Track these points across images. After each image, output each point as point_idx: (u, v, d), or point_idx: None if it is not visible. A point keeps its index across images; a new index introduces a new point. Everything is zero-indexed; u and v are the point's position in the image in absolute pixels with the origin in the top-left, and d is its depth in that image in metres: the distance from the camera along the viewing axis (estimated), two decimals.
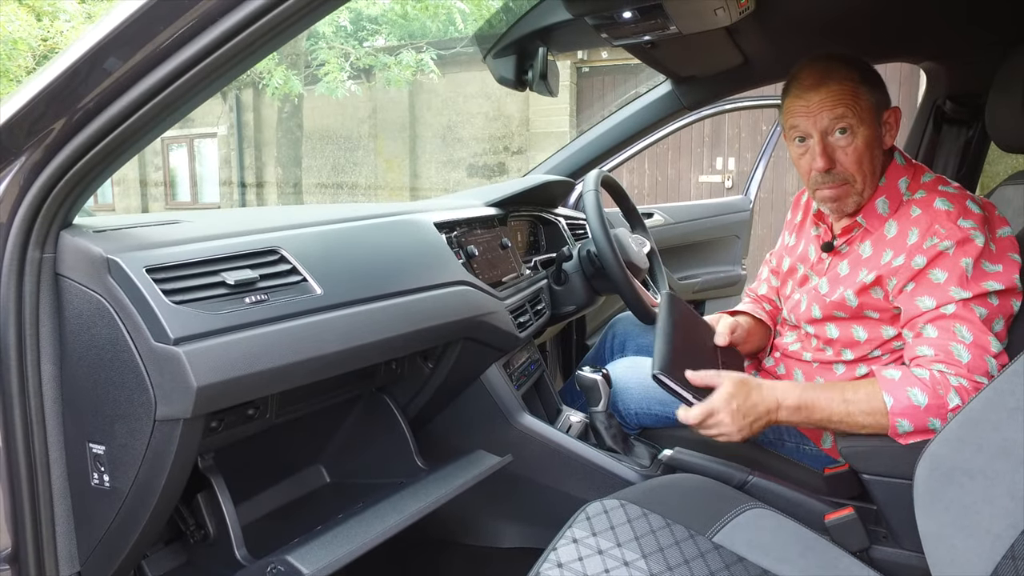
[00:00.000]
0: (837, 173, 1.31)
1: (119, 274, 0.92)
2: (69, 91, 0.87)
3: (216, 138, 11.36)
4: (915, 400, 1.18)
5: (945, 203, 1.26)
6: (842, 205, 1.35)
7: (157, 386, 0.91)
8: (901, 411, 1.18)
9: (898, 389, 1.19)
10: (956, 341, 1.19)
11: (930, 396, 1.17)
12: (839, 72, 1.30)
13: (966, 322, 1.20)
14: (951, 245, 1.22)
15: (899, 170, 1.35)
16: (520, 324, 1.62)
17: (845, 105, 1.28)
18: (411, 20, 10.83)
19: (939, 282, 1.23)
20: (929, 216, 1.26)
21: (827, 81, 1.30)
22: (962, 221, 1.23)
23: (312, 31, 9.58)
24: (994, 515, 0.87)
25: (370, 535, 1.11)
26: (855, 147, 1.29)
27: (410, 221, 1.46)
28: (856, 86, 1.29)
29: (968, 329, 1.19)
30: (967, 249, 1.22)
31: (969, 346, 1.18)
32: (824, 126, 1.30)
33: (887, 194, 1.34)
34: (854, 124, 1.29)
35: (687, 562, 1.06)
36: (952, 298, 1.21)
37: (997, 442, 0.89)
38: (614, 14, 1.42)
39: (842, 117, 1.28)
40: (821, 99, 1.29)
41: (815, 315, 1.41)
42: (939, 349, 1.20)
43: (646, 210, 2.78)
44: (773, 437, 1.48)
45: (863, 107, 1.29)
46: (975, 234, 1.22)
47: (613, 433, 1.56)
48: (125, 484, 0.96)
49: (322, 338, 1.07)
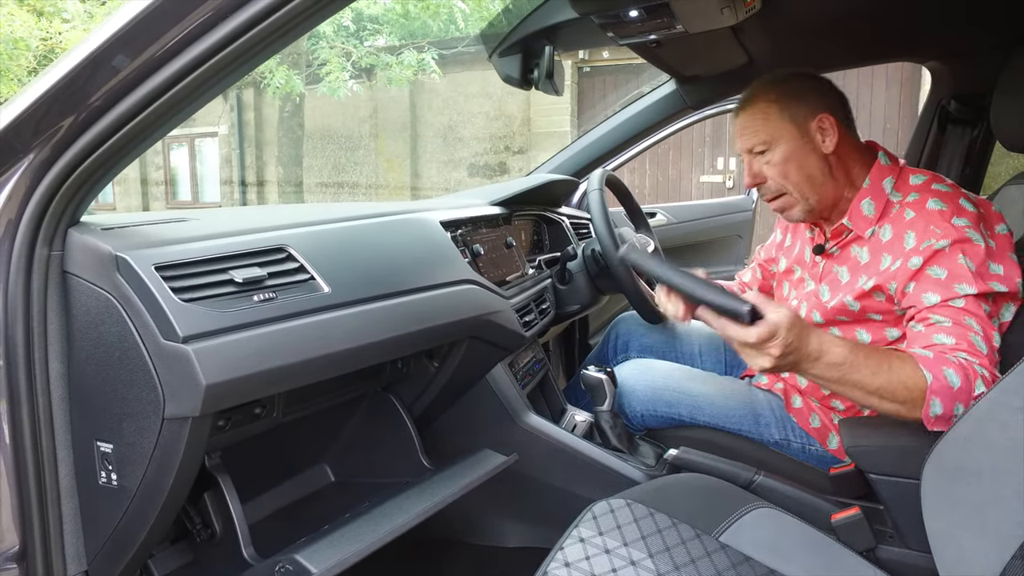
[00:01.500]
0: (768, 187, 1.41)
1: (128, 272, 0.91)
2: (77, 89, 0.87)
3: (217, 137, 11.35)
4: (950, 380, 1.13)
5: (938, 203, 1.27)
6: (790, 214, 1.43)
7: (166, 384, 0.91)
8: (939, 389, 1.13)
9: (935, 367, 1.14)
10: (972, 332, 1.18)
11: (962, 379, 1.13)
12: (757, 96, 1.40)
13: (975, 316, 1.19)
14: (947, 244, 1.22)
15: (883, 170, 1.37)
16: (525, 323, 1.62)
17: (755, 128, 1.39)
18: (412, 19, 10.83)
19: (940, 278, 1.22)
20: (924, 218, 1.27)
21: (746, 106, 1.41)
22: (956, 220, 1.24)
23: (313, 31, 9.57)
24: (1002, 515, 0.87)
25: (377, 535, 1.11)
26: (773, 163, 1.38)
27: (416, 220, 1.46)
28: (767, 106, 1.38)
29: (977, 323, 1.19)
30: (965, 247, 1.22)
31: (983, 339, 1.18)
32: (746, 146, 1.41)
33: (872, 195, 1.35)
34: (770, 141, 1.38)
35: (694, 561, 1.06)
36: (957, 293, 1.20)
37: (1005, 441, 0.89)
38: (620, 13, 1.42)
39: (755, 137, 1.39)
40: (742, 122, 1.42)
41: (816, 320, 1.42)
42: (959, 338, 1.18)
43: (649, 210, 2.78)
44: (779, 438, 1.48)
45: (774, 126, 1.37)
46: (971, 232, 1.22)
47: (618, 432, 1.56)
48: (133, 483, 0.96)
49: (329, 336, 1.07)
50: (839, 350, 1.14)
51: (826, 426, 1.45)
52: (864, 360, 1.15)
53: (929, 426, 1.14)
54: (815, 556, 1.10)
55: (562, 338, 2.44)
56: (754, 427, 1.51)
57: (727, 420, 1.52)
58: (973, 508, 0.91)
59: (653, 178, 8.31)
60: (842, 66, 2.49)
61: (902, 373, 1.14)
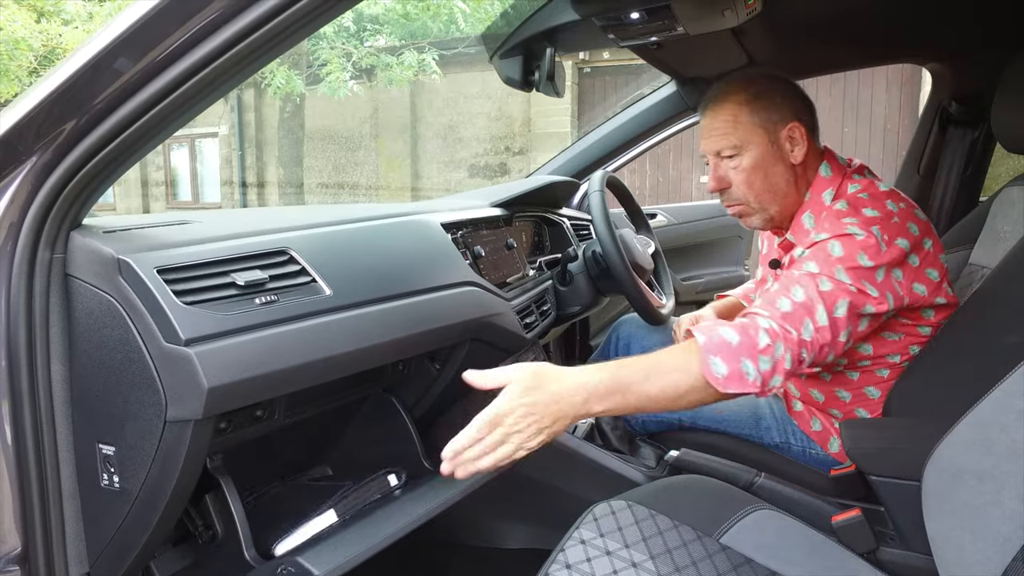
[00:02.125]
0: (730, 194, 1.38)
1: (130, 275, 0.92)
2: (79, 92, 0.87)
3: (217, 138, 11.35)
4: (727, 336, 1.08)
5: (843, 204, 1.27)
6: (748, 222, 1.41)
7: (168, 387, 0.91)
8: (713, 348, 1.06)
9: (710, 330, 1.11)
10: (786, 296, 1.15)
11: (741, 335, 1.08)
12: (728, 95, 1.36)
13: (804, 286, 1.16)
14: (826, 236, 1.22)
15: (823, 183, 1.36)
16: (526, 325, 1.62)
17: (724, 131, 1.35)
18: (412, 20, 10.81)
19: (804, 257, 1.23)
20: (826, 219, 1.27)
21: (714, 105, 1.37)
22: (846, 219, 1.23)
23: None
24: (1004, 517, 0.87)
25: (379, 537, 1.11)
26: (741, 168, 1.35)
27: (417, 221, 1.46)
28: (738, 109, 1.34)
29: (804, 292, 1.15)
30: (839, 238, 1.20)
31: (795, 303, 1.14)
32: (713, 148, 1.37)
33: (812, 208, 1.35)
34: (740, 145, 1.34)
35: (695, 563, 1.06)
36: (802, 268, 1.20)
37: (1006, 444, 0.89)
38: (621, 15, 1.42)
39: (725, 139, 1.35)
40: (709, 123, 1.37)
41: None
42: (766, 300, 1.17)
43: (649, 211, 2.79)
44: (780, 441, 1.49)
45: (745, 130, 1.34)
46: (852, 228, 1.21)
47: (619, 434, 1.56)
48: (135, 485, 0.96)
49: (332, 339, 1.07)
50: (601, 377, 1.03)
51: (827, 429, 1.45)
52: (632, 366, 1.06)
53: (720, 387, 1.05)
54: (816, 558, 1.10)
55: (563, 339, 2.44)
56: (755, 430, 1.51)
57: (728, 423, 1.52)
58: (974, 510, 0.91)
59: (653, 179, 8.31)
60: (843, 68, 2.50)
61: (671, 359, 1.09)
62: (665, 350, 1.13)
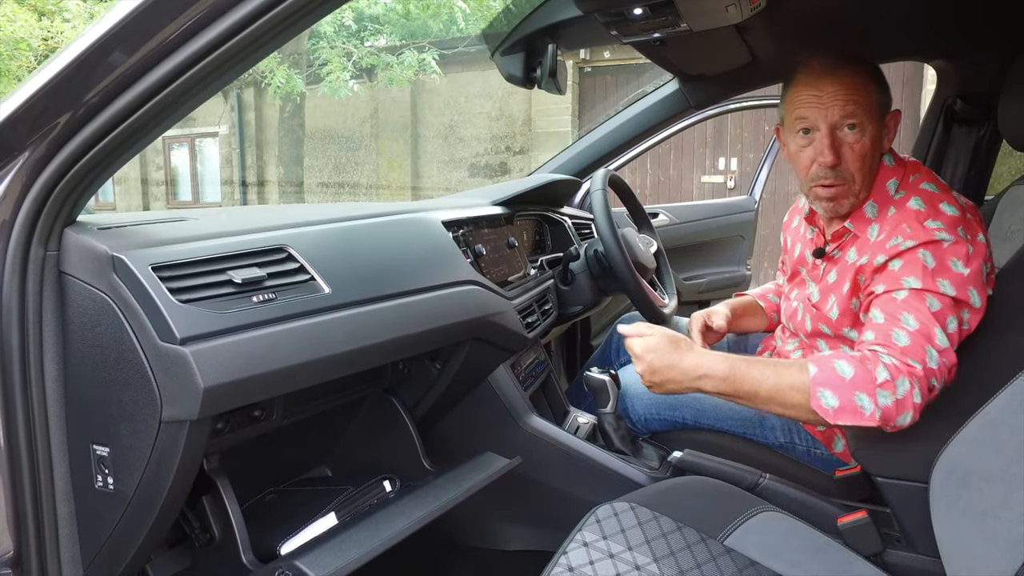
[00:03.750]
0: (841, 170, 1.27)
1: (124, 272, 0.90)
2: (73, 86, 0.86)
3: (217, 137, 11.34)
4: (840, 371, 1.13)
5: (918, 203, 1.24)
6: (837, 206, 1.31)
7: (163, 387, 0.89)
8: (824, 380, 1.13)
9: (825, 362, 1.16)
10: (899, 327, 1.15)
11: (857, 369, 1.12)
12: (851, 66, 1.27)
13: (914, 311, 1.15)
14: (913, 244, 1.19)
15: (887, 172, 1.32)
16: (528, 324, 1.61)
17: (857, 100, 1.25)
18: (413, 19, 10.82)
19: (894, 271, 1.20)
20: (900, 215, 1.24)
21: (840, 72, 1.26)
22: (929, 222, 1.20)
23: (314, 30, 9.57)
24: (1013, 520, 0.86)
25: (378, 540, 1.10)
26: (862, 144, 1.26)
27: (418, 220, 1.45)
28: (867, 81, 1.27)
29: (915, 317, 1.15)
30: (928, 247, 1.18)
31: (911, 333, 1.14)
32: (834, 119, 1.26)
33: (875, 197, 1.31)
34: (864, 121, 1.25)
35: (699, 566, 1.04)
36: (902, 286, 1.18)
37: (1016, 446, 0.88)
38: (624, 11, 1.40)
39: (853, 113, 1.25)
40: (834, 90, 1.25)
41: (807, 327, 1.41)
42: (879, 333, 1.16)
43: (651, 210, 2.78)
44: (784, 441, 1.47)
45: (872, 104, 1.27)
46: (940, 235, 1.19)
47: (622, 435, 1.55)
48: (130, 487, 0.95)
49: (330, 338, 1.06)
50: (721, 367, 1.21)
51: (831, 429, 1.44)
52: (747, 371, 1.20)
53: (830, 419, 1.13)
54: (821, 560, 1.09)
55: (564, 339, 2.43)
56: (759, 430, 1.49)
57: (732, 423, 1.51)
58: (982, 513, 0.89)
59: (654, 178, 8.30)
60: None
61: (788, 377, 1.17)
62: (785, 362, 1.22)
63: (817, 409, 1.13)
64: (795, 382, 1.16)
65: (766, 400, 1.19)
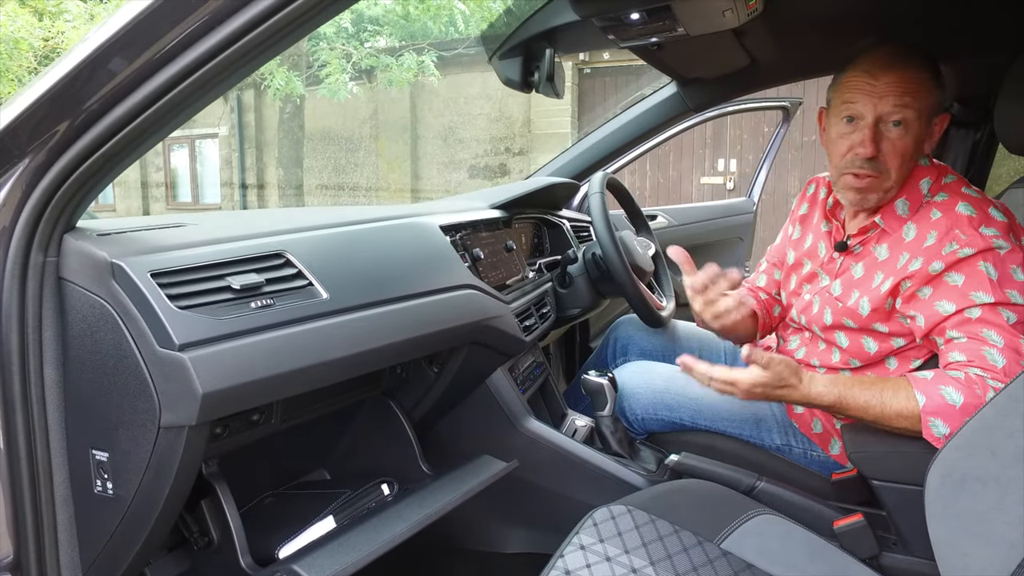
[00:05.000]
0: (878, 163, 1.25)
1: (123, 279, 0.90)
2: (73, 93, 0.86)
3: (217, 139, 11.35)
4: (949, 399, 1.12)
5: (968, 208, 1.22)
6: (865, 199, 1.30)
7: (162, 392, 0.90)
8: (934, 410, 1.13)
9: (931, 388, 1.15)
10: (988, 345, 1.15)
11: (966, 395, 1.11)
12: (915, 60, 1.25)
13: (994, 326, 1.16)
14: (972, 252, 1.19)
15: (922, 171, 1.31)
16: (526, 328, 1.61)
17: (911, 95, 1.22)
18: (412, 21, 10.82)
19: (957, 285, 1.19)
20: (950, 220, 1.23)
21: (901, 65, 1.23)
22: (984, 229, 1.20)
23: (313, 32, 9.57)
24: (1008, 523, 0.86)
25: (376, 543, 1.10)
26: (904, 143, 1.24)
27: (416, 224, 1.45)
28: (923, 77, 1.24)
29: (998, 333, 1.15)
30: (988, 256, 1.18)
31: (1002, 350, 1.14)
32: (883, 111, 1.24)
33: (908, 195, 1.30)
34: (911, 119, 1.24)
35: (695, 569, 1.04)
36: (973, 302, 1.17)
37: (1011, 449, 0.88)
38: (622, 16, 1.41)
39: (903, 109, 1.23)
40: (891, 81, 1.23)
41: (826, 321, 1.39)
42: (971, 354, 1.15)
43: (650, 212, 2.77)
44: (781, 443, 1.47)
45: (924, 104, 1.24)
46: (997, 242, 1.19)
47: (619, 437, 1.55)
48: (128, 492, 0.95)
49: (328, 343, 1.06)
50: (832, 392, 1.23)
51: (828, 431, 1.44)
52: (859, 394, 1.21)
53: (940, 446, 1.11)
54: (818, 563, 1.09)
55: (562, 341, 2.43)
56: (755, 431, 1.49)
57: (728, 424, 1.51)
58: (978, 516, 0.90)
59: (653, 179, 8.31)
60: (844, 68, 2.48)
61: (895, 404, 1.18)
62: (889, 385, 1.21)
63: (930, 438, 1.14)
64: (903, 410, 1.17)
65: (871, 423, 1.22)
